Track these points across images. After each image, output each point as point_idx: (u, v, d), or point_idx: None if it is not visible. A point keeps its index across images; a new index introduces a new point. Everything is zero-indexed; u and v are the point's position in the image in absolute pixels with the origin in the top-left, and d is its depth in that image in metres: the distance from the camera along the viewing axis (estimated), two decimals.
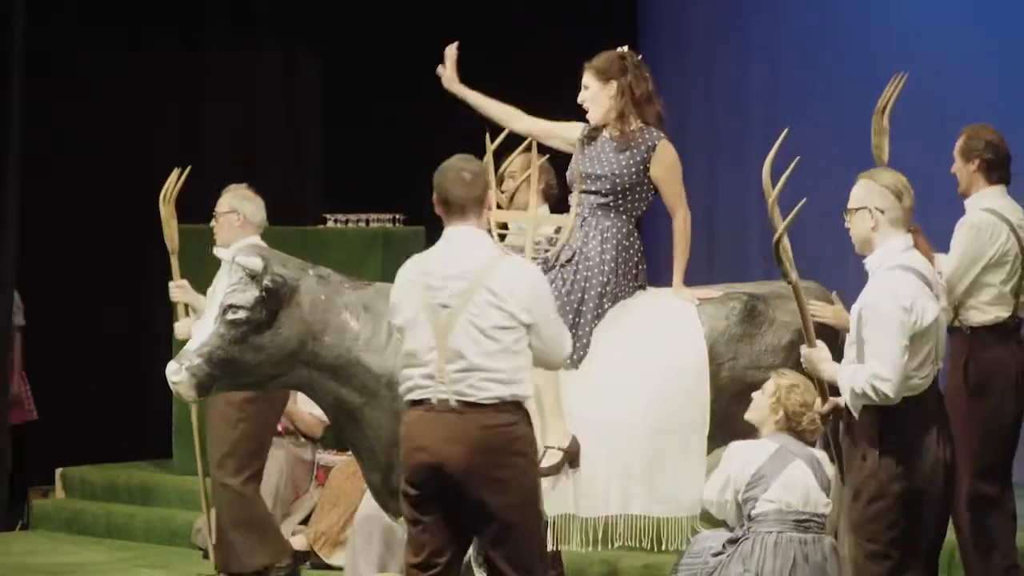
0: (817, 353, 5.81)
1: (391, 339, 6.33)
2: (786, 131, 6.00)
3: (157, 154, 11.49)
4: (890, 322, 5.55)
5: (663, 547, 6.44)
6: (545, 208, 7.78)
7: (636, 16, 12.54)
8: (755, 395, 6.40)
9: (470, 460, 5.42)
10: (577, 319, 6.43)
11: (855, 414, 5.68)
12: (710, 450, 6.43)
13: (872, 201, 5.73)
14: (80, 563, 9.34)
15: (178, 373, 6.18)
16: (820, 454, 6.40)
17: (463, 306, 5.46)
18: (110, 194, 11.34)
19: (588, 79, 6.70)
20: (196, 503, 9.00)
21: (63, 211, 11.16)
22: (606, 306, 6.50)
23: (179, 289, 8.08)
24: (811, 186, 7.39)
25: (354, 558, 7.72)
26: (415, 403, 5.54)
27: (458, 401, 5.45)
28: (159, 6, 11.77)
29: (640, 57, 6.74)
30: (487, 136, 6.69)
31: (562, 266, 6.51)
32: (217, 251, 6.47)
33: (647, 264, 6.77)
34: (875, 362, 5.57)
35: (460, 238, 5.59)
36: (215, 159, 12.04)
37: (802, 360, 5.88)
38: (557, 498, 6.34)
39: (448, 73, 6.95)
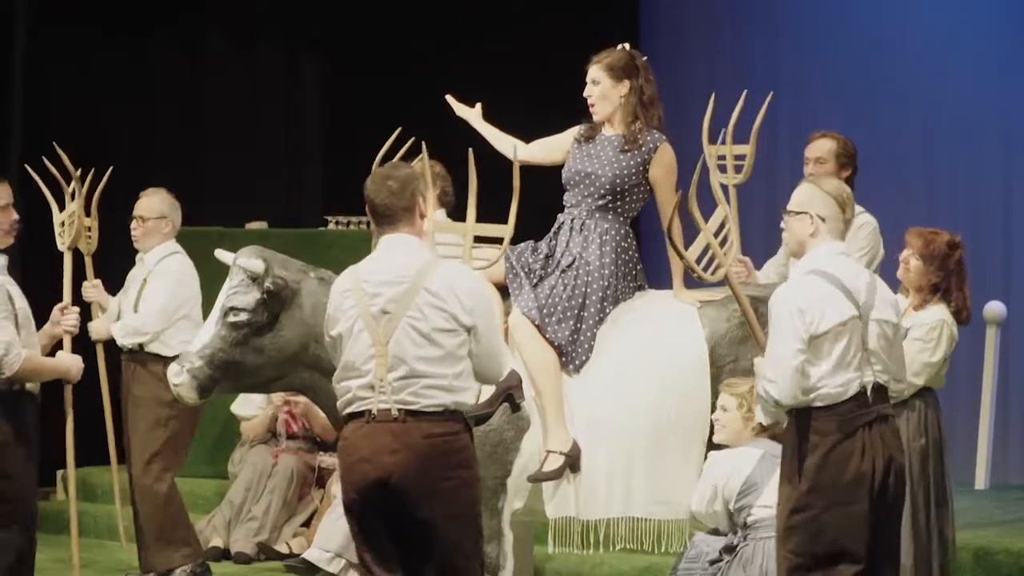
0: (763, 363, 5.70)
1: None
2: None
3: (158, 154, 11.49)
4: (781, 324, 5.54)
5: (663, 549, 6.45)
6: (442, 212, 7.81)
7: (637, 13, 12.53)
8: (716, 417, 6.38)
9: (414, 470, 5.28)
10: (579, 324, 6.43)
11: (765, 420, 5.68)
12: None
13: (815, 207, 5.65)
14: (82, 565, 9.31)
15: (179, 375, 6.18)
16: None
17: (403, 310, 5.31)
18: (110, 194, 11.34)
19: (598, 75, 6.64)
20: (198, 506, 9.03)
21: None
22: (608, 310, 6.50)
23: (94, 289, 8.35)
24: None
25: None
26: (354, 416, 5.39)
27: (400, 410, 5.30)
28: (160, 6, 11.77)
29: (645, 58, 6.73)
30: (424, 146, 6.64)
31: (563, 271, 6.50)
32: (219, 253, 6.47)
33: (648, 265, 6.78)
34: (767, 365, 5.57)
35: (393, 245, 5.46)
36: (215, 160, 12.04)
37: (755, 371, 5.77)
38: (558, 501, 6.35)
39: (462, 111, 6.95)
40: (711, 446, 6.44)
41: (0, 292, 6.40)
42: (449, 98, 6.98)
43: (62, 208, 8.08)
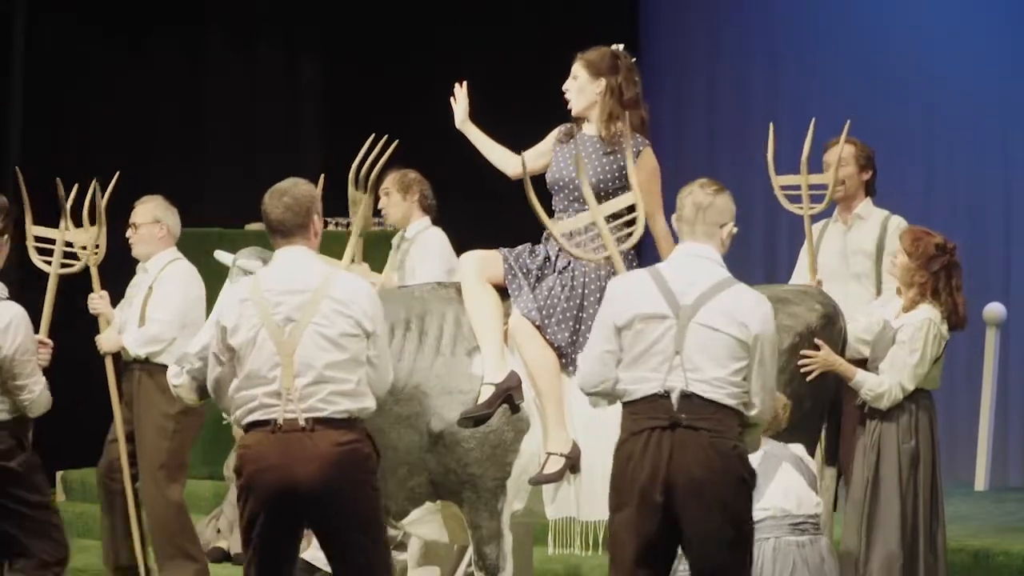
0: None
1: (391, 344, 6.32)
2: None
3: (157, 154, 11.48)
4: (599, 312, 5.64)
5: None
6: (427, 219, 8.18)
7: (637, 15, 12.54)
8: None
9: (327, 480, 5.33)
10: (578, 325, 6.42)
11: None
12: None
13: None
14: (81, 567, 9.31)
15: (179, 376, 6.16)
16: (799, 449, 6.41)
17: (309, 317, 5.40)
18: (109, 199, 11.34)
19: (578, 70, 6.70)
20: (196, 507, 8.99)
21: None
22: None
23: (101, 300, 8.18)
24: None
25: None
26: (258, 424, 5.42)
27: (307, 419, 5.36)
28: (160, 6, 11.77)
29: (634, 60, 6.73)
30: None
31: (560, 272, 6.50)
32: (218, 254, 6.46)
33: (647, 265, 6.76)
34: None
35: (291, 258, 5.55)
36: (215, 160, 12.04)
37: None
38: (559, 502, 6.36)
39: (460, 114, 6.94)
40: None
41: (25, 328, 6.43)
42: (454, 104, 7.00)
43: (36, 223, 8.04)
